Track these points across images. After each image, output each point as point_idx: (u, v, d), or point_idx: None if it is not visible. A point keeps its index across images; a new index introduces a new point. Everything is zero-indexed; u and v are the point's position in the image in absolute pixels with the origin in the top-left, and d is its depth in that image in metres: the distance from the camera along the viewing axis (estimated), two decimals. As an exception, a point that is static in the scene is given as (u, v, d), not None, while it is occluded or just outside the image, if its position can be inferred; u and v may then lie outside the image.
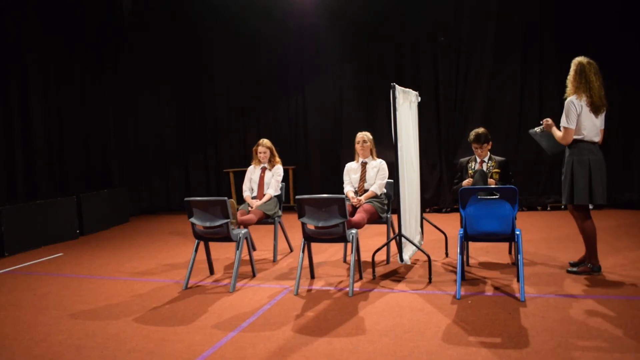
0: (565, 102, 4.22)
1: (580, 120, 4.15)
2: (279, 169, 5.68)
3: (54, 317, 3.94)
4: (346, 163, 5.35)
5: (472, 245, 5.35)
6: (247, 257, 5.08)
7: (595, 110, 4.16)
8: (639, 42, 7.25)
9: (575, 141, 4.21)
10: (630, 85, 7.35)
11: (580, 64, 4.19)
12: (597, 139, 4.22)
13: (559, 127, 4.33)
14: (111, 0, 9.20)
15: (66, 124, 8.54)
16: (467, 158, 4.95)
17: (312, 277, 4.63)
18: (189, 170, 9.74)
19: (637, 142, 7.45)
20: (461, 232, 4.05)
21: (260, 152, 5.67)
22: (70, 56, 8.59)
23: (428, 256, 4.40)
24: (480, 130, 4.80)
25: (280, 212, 5.59)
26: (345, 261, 5.19)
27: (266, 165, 5.68)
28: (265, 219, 5.38)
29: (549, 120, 4.45)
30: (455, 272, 4.50)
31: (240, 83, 9.28)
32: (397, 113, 4.36)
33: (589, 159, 4.14)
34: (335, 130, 8.79)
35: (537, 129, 4.54)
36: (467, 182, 4.74)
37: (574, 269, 4.40)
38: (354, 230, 4.28)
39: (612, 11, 7.35)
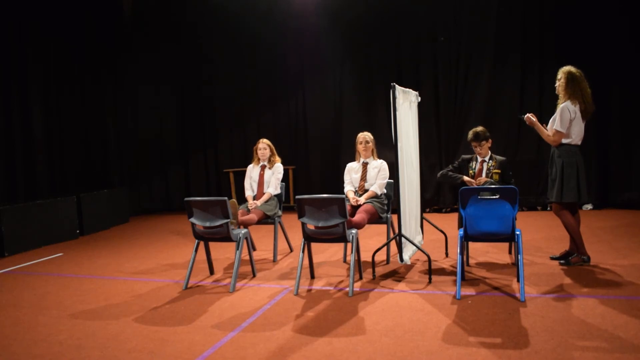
0: (560, 106, 4.46)
1: (572, 126, 4.41)
2: (279, 167, 5.68)
3: (54, 317, 3.94)
4: (346, 163, 5.35)
5: (472, 245, 5.35)
6: (247, 257, 5.08)
7: (585, 116, 4.47)
8: (637, 41, 7.25)
9: (564, 144, 4.47)
10: (630, 85, 7.35)
11: (570, 72, 4.46)
12: (581, 142, 4.51)
13: (545, 125, 4.62)
14: (111, 0, 9.21)
15: (66, 124, 8.54)
16: (470, 156, 4.98)
17: (312, 277, 4.63)
18: (189, 170, 9.74)
19: (637, 142, 7.45)
20: (461, 232, 4.05)
21: (260, 149, 5.68)
22: (70, 56, 8.59)
23: (428, 256, 4.40)
24: (479, 128, 4.86)
25: (280, 212, 5.59)
26: (345, 261, 5.19)
27: (266, 163, 5.68)
28: (265, 219, 5.39)
29: (533, 118, 4.67)
30: (455, 272, 4.50)
31: (240, 83, 9.28)
32: (397, 113, 4.36)
33: (577, 161, 4.42)
34: (335, 130, 8.80)
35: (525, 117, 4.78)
36: (469, 180, 4.75)
37: (563, 261, 4.65)
38: (354, 230, 4.28)
39: (611, 11, 7.35)
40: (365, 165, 5.15)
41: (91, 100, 9.05)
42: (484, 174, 4.81)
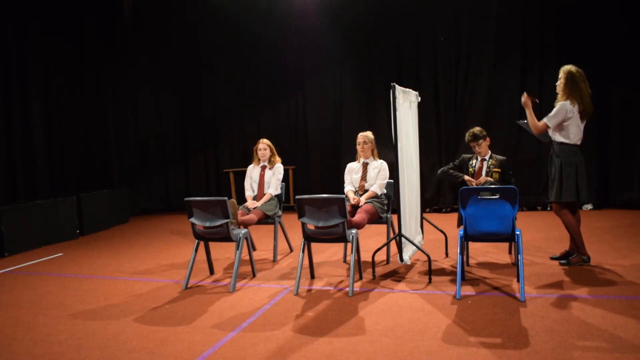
0: (560, 103, 4.45)
1: (569, 125, 4.42)
2: (279, 167, 5.68)
3: (54, 317, 3.94)
4: (346, 163, 5.36)
5: (472, 245, 5.35)
6: (247, 257, 5.08)
7: (584, 116, 4.47)
8: (638, 41, 7.25)
9: (563, 144, 4.48)
10: (630, 85, 7.35)
11: (569, 72, 4.46)
12: (580, 142, 4.50)
13: (538, 116, 4.60)
14: (111, 0, 9.21)
15: (66, 124, 8.54)
16: (470, 155, 4.99)
17: (312, 277, 4.63)
18: (189, 170, 9.74)
19: (636, 142, 7.45)
20: (461, 232, 4.05)
21: (260, 150, 5.68)
22: (70, 56, 8.59)
23: (428, 256, 4.40)
24: (476, 129, 4.93)
25: (280, 212, 5.59)
26: (345, 261, 5.19)
27: (266, 164, 5.68)
28: (265, 219, 5.39)
29: (529, 101, 4.62)
30: (455, 272, 4.50)
31: (240, 83, 9.29)
32: (397, 113, 4.36)
33: (576, 160, 4.43)
34: (335, 130, 8.80)
35: (526, 122, 4.76)
36: (469, 180, 4.76)
37: (564, 261, 4.65)
38: (354, 230, 4.28)
39: (611, 11, 7.35)
40: (365, 165, 5.15)
41: (91, 100, 9.04)
42: (484, 173, 4.83)
